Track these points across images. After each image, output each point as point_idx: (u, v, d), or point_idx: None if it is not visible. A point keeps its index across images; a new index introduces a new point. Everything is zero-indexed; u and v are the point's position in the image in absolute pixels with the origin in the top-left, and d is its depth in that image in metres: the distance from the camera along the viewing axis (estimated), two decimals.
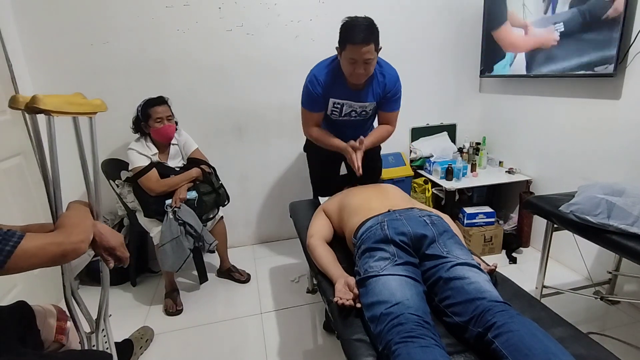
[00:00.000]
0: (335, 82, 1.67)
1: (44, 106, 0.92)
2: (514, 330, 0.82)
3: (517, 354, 0.78)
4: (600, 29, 1.72)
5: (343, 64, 1.57)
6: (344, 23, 1.51)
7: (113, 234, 1.04)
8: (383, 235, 1.12)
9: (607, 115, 1.84)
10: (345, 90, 1.69)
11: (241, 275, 2.24)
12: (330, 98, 1.72)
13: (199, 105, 2.35)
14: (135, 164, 1.93)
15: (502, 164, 2.62)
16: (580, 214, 1.37)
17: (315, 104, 1.72)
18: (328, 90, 1.68)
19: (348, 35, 1.47)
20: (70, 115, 1.03)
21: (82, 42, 2.09)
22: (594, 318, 1.80)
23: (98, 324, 1.32)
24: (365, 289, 1.03)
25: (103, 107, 1.13)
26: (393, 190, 1.52)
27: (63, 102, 0.99)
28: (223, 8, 2.23)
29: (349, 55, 1.50)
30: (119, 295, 2.16)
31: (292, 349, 1.67)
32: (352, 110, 1.77)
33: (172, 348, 1.73)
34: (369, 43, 1.46)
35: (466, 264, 1.05)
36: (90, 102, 1.10)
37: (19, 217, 1.75)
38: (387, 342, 0.85)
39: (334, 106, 1.75)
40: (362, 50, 1.46)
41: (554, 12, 1.93)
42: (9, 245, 0.79)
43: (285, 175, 2.63)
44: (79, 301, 1.23)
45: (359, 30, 1.46)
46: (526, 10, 2.12)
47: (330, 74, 1.67)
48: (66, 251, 0.88)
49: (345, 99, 1.72)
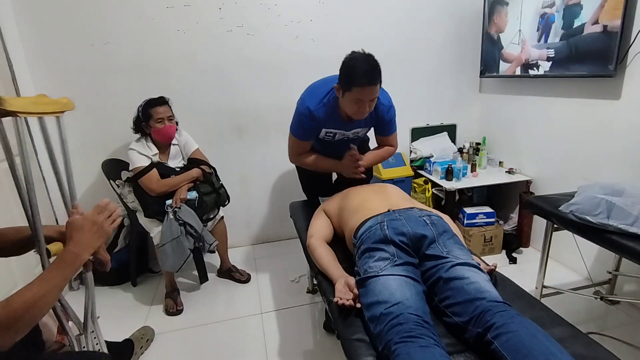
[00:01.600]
0: (329, 116, 1.62)
1: (10, 107, 0.89)
2: (513, 330, 0.82)
3: (516, 355, 0.78)
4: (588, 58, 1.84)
5: (346, 104, 1.50)
6: (347, 63, 1.43)
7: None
8: (383, 235, 1.13)
9: (607, 116, 1.84)
10: (338, 121, 1.65)
11: (241, 275, 2.25)
12: (323, 128, 1.68)
13: (200, 106, 2.35)
14: (136, 164, 1.93)
15: (502, 164, 2.62)
16: (580, 214, 1.37)
17: (308, 134, 1.69)
18: (321, 122, 1.63)
19: (355, 78, 1.39)
20: (37, 115, 1.00)
21: (82, 43, 2.09)
22: (594, 318, 1.80)
23: (86, 325, 1.29)
24: (365, 289, 1.03)
25: (70, 106, 1.08)
26: (393, 190, 1.52)
27: (29, 103, 0.96)
28: (223, 8, 2.23)
29: (356, 97, 1.43)
30: (120, 295, 2.17)
31: (293, 349, 1.67)
32: (344, 136, 1.74)
33: (172, 348, 1.73)
34: (376, 84, 1.42)
35: (466, 264, 1.05)
36: (57, 100, 1.06)
37: (19, 216, 1.75)
38: (387, 342, 0.85)
39: (327, 135, 1.72)
40: (371, 91, 1.42)
41: (546, 41, 2.07)
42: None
43: (285, 175, 2.63)
44: (64, 303, 1.20)
45: (367, 73, 1.39)
46: (521, 36, 2.26)
47: (324, 109, 1.60)
48: (75, 271, 0.90)
49: (338, 128, 1.69)
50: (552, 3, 2.00)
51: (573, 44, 1.90)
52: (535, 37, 2.14)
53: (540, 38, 2.11)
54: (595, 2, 1.76)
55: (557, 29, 1.98)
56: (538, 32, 2.11)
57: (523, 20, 2.21)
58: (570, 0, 1.89)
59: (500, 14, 2.39)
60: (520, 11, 2.22)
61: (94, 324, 1.27)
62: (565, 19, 1.93)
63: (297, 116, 1.66)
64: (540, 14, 2.08)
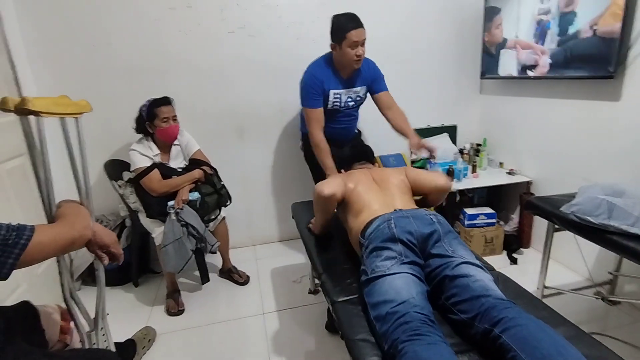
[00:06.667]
0: (330, 75, 1.93)
1: (33, 107, 0.94)
2: (522, 324, 0.83)
3: (525, 346, 0.78)
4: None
5: (344, 53, 1.81)
6: (335, 21, 1.81)
7: (106, 231, 1.07)
8: (390, 234, 1.13)
9: (607, 117, 1.85)
10: (340, 80, 1.96)
11: (240, 277, 2.24)
12: (330, 90, 1.94)
13: (201, 106, 2.36)
14: (137, 165, 1.93)
15: (502, 165, 2.63)
16: (581, 214, 1.38)
17: (317, 99, 1.92)
18: (326, 83, 1.92)
19: (347, 25, 1.75)
20: (58, 116, 1.06)
21: (84, 44, 2.10)
22: (595, 318, 1.80)
23: (97, 322, 1.33)
24: (371, 288, 1.04)
25: (88, 108, 1.15)
26: (396, 186, 1.46)
27: (51, 103, 1.01)
28: (225, 10, 2.24)
29: (353, 39, 1.75)
30: (121, 296, 2.17)
31: (295, 350, 1.68)
32: (349, 97, 2.01)
33: (174, 348, 1.73)
34: (363, 27, 1.78)
35: (471, 263, 1.06)
36: (77, 102, 1.13)
37: (21, 217, 1.76)
38: (394, 341, 0.86)
39: (335, 97, 1.97)
40: (361, 32, 1.77)
41: (543, 46, 2.12)
42: (23, 239, 0.81)
43: (286, 176, 2.64)
44: (77, 301, 1.24)
45: (354, 18, 1.77)
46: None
47: (325, 69, 1.93)
48: (74, 238, 0.93)
49: (342, 88, 1.97)
50: (548, 10, 2.03)
51: (571, 47, 1.92)
52: (532, 42, 2.17)
53: (537, 43, 2.14)
54: (590, 9, 1.79)
55: (553, 35, 2.02)
56: (534, 38, 2.15)
57: (520, 27, 2.24)
58: (566, 8, 1.92)
59: (491, 30, 2.45)
60: (517, 18, 2.25)
61: (104, 321, 1.29)
62: (561, 26, 1.97)
63: (304, 87, 1.94)
64: (537, 20, 2.11)
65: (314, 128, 1.94)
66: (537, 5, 2.09)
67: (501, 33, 2.38)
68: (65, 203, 1.10)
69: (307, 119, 1.96)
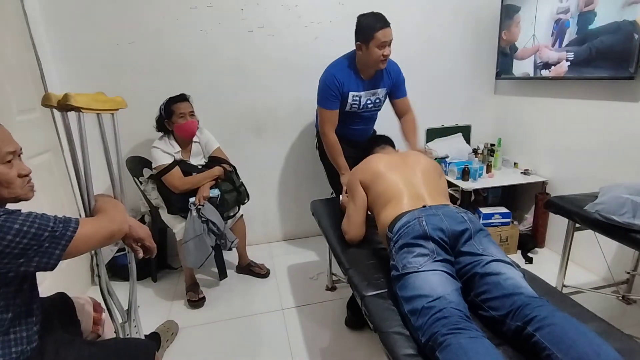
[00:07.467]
0: (351, 77, 1.91)
1: (76, 103, 0.99)
2: (556, 323, 0.84)
3: (561, 345, 0.79)
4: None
5: (371, 53, 1.78)
6: (361, 21, 1.78)
7: (141, 226, 1.11)
8: (422, 231, 1.13)
9: (625, 118, 1.86)
10: (360, 82, 1.93)
11: (261, 269, 2.27)
12: (350, 92, 1.92)
13: (221, 105, 2.39)
14: (159, 162, 1.96)
15: (517, 165, 2.64)
16: (606, 213, 1.39)
17: (333, 101, 1.91)
18: (346, 85, 1.90)
19: (375, 24, 1.73)
20: (97, 112, 1.12)
21: (108, 42, 2.13)
22: (612, 317, 1.81)
23: (129, 314, 1.38)
24: (404, 282, 1.05)
25: (124, 104, 1.23)
26: (422, 172, 1.43)
27: (91, 100, 1.06)
28: (245, 9, 2.26)
29: (381, 39, 1.74)
30: (141, 291, 2.20)
31: (316, 344, 1.70)
32: (368, 100, 1.99)
33: (196, 342, 1.76)
34: (390, 26, 1.77)
35: (501, 261, 1.07)
36: (113, 99, 1.19)
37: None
38: (433, 334, 0.87)
39: (354, 99, 1.95)
40: (389, 31, 1.76)
41: (560, 45, 2.12)
42: (69, 230, 0.84)
43: (302, 174, 2.66)
44: (112, 292, 1.29)
45: (381, 18, 1.75)
46: (535, 41, 2.30)
47: (346, 70, 1.91)
48: (114, 232, 0.97)
49: (362, 90, 1.94)
50: (567, 9, 2.03)
51: (592, 47, 1.92)
52: (549, 42, 2.17)
53: (554, 43, 2.14)
54: (609, 8, 1.79)
55: (572, 34, 2.02)
56: (552, 37, 2.15)
57: (537, 26, 2.24)
58: (585, 7, 1.92)
59: (510, 28, 2.44)
60: (535, 17, 2.25)
61: (136, 313, 1.32)
62: (580, 25, 1.97)
63: (323, 87, 1.92)
64: (555, 19, 2.12)
65: (326, 128, 1.96)
66: (556, 4, 2.09)
67: (520, 31, 2.38)
68: (101, 197, 1.13)
69: (321, 118, 1.98)
